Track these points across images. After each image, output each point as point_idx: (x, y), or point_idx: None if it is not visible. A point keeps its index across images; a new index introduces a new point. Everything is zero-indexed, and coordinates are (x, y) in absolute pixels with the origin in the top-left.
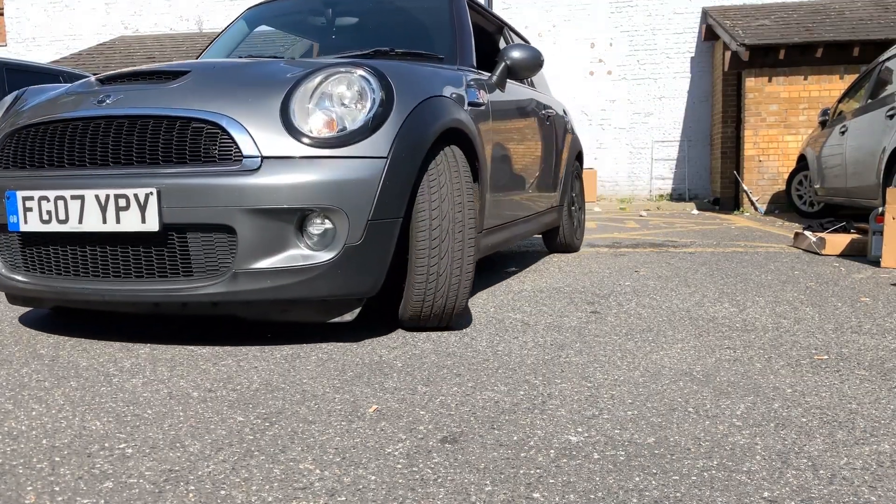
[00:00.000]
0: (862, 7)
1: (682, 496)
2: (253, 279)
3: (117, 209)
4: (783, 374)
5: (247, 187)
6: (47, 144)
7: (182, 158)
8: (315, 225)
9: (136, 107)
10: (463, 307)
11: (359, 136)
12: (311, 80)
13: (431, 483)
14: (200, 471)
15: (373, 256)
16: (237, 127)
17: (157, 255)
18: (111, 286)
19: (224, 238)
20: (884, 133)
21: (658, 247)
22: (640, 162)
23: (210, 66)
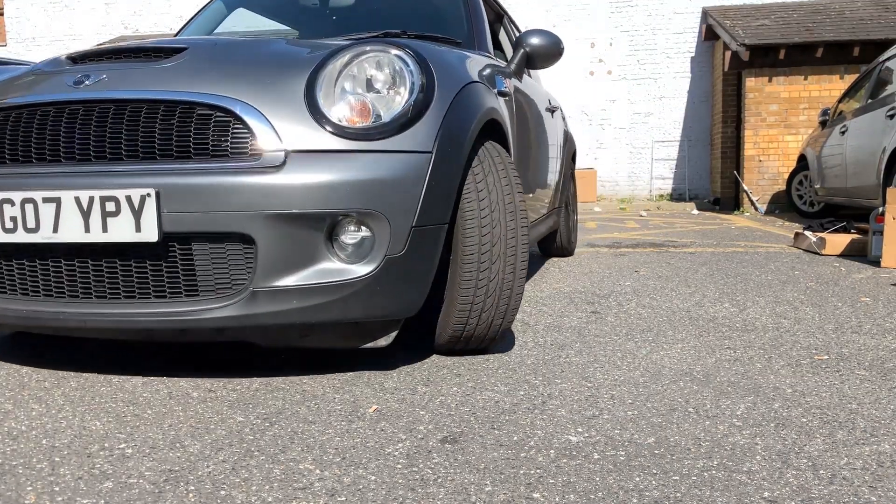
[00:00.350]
0: (862, 7)
1: (683, 496)
2: (275, 299)
3: (104, 214)
4: (783, 374)
5: (270, 188)
6: (8, 135)
7: (185, 152)
8: (349, 233)
9: (123, 89)
10: (508, 328)
11: (398, 127)
12: (338, 60)
13: (431, 483)
14: (200, 471)
15: (417, 269)
16: (254, 114)
17: (154, 271)
18: (94, 309)
19: (239, 250)
20: (884, 133)
21: (658, 247)
22: (640, 162)
23: (211, 43)
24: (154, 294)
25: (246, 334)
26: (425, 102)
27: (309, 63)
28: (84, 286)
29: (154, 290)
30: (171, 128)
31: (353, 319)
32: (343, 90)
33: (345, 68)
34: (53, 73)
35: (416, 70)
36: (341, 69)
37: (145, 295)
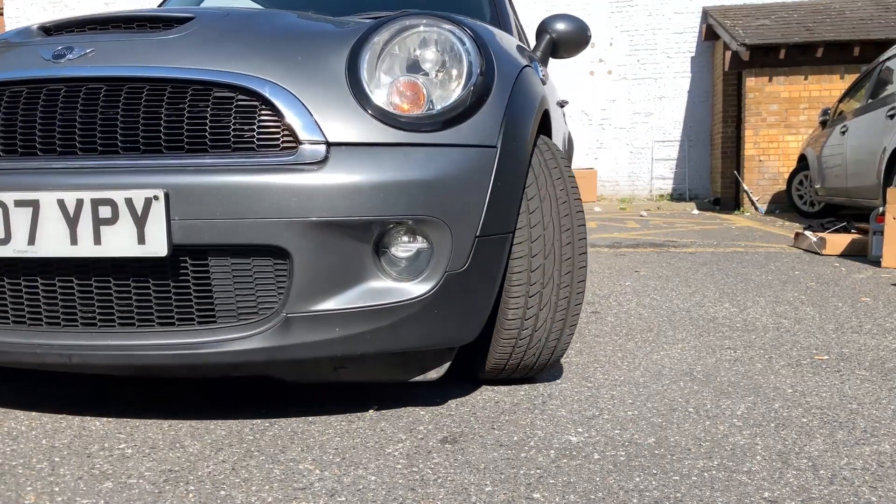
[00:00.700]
0: (862, 7)
1: (683, 496)
2: (314, 327)
3: (97, 222)
4: (784, 375)
5: (311, 189)
6: None
7: (200, 145)
8: (402, 244)
9: (118, 65)
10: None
11: (458, 116)
12: (384, 34)
13: (431, 483)
14: (200, 471)
15: (480, 288)
16: (288, 98)
17: (160, 292)
18: (80, 341)
19: (269, 266)
20: (884, 133)
21: (658, 247)
22: (641, 162)
23: (223, 13)
24: (158, 321)
25: (270, 369)
26: (485, 88)
27: (347, 38)
28: (68, 312)
29: (158, 317)
30: (182, 114)
31: (405, 349)
32: (392, 71)
33: (393, 45)
34: (23, 45)
35: (472, 49)
36: (388, 46)
37: (147, 322)
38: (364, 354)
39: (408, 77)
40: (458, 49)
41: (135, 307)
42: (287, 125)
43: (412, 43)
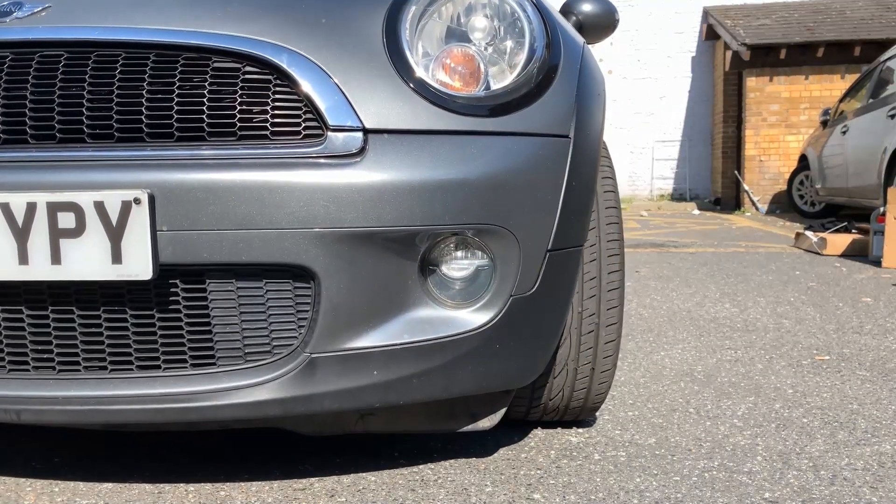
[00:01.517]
0: (863, 7)
1: (683, 497)
2: (347, 370)
3: (55, 233)
4: (784, 375)
5: (345, 190)
6: None
7: (196, 131)
8: (456, 261)
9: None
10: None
11: (525, 98)
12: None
13: (431, 483)
14: (200, 471)
15: (549, 315)
16: (312, 70)
17: (141, 326)
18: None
19: (287, 291)
20: (885, 133)
21: (659, 247)
22: (641, 162)
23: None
24: (138, 365)
25: (283, 421)
26: (553, 64)
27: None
28: (15, 353)
29: (138, 359)
30: (171, 90)
31: (458, 395)
32: (440, 41)
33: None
34: None
35: (535, 18)
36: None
37: (123, 366)
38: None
39: (460, 47)
40: (518, 16)
41: (106, 346)
42: (312, 106)
43: (464, 7)
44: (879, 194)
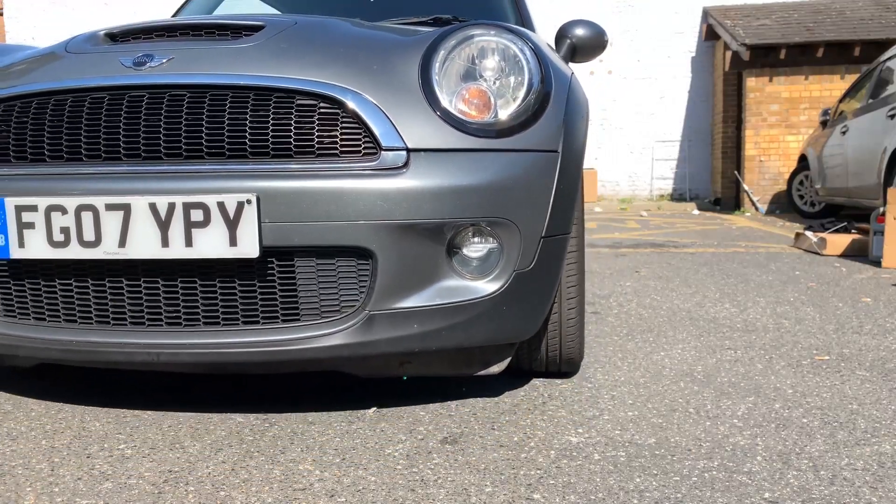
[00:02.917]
0: (863, 7)
1: (683, 497)
2: (395, 324)
3: (188, 225)
4: (784, 375)
5: (394, 193)
6: (48, 127)
7: (285, 150)
8: (473, 245)
9: (199, 73)
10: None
11: (523, 123)
12: (449, 44)
13: (431, 484)
14: (200, 471)
15: (543, 286)
16: (368, 106)
17: (246, 292)
18: (166, 339)
19: (352, 266)
20: (885, 133)
21: (659, 247)
22: (641, 162)
23: (291, 21)
24: (243, 320)
25: (345, 364)
26: (545, 95)
27: (417, 47)
28: (153, 312)
29: (244, 316)
30: (266, 120)
31: (475, 345)
32: (459, 80)
33: (461, 54)
34: (100, 53)
35: (532, 58)
36: (457, 55)
37: (232, 321)
38: (439, 349)
39: (475, 84)
40: (519, 58)
41: (220, 306)
42: (369, 132)
43: (478, 52)
44: (879, 194)
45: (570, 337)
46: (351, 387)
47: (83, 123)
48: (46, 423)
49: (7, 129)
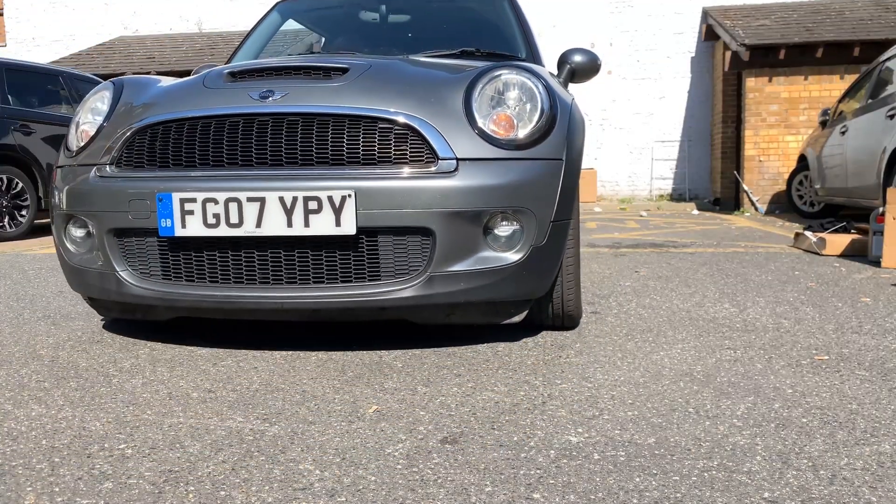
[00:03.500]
0: (862, 7)
1: (683, 497)
2: (447, 282)
3: (306, 212)
4: (783, 375)
5: (448, 189)
6: (199, 142)
7: (372, 159)
8: (502, 227)
9: (307, 104)
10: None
11: (537, 139)
12: (484, 81)
13: (431, 483)
14: (200, 471)
15: (552, 257)
16: (429, 128)
17: (344, 259)
18: (287, 293)
19: (417, 241)
20: (884, 133)
21: (658, 247)
22: (641, 162)
23: (368, 64)
24: (341, 279)
25: (403, 313)
26: (553, 118)
27: (460, 83)
28: (276, 273)
29: (342, 276)
30: (357, 138)
31: (503, 299)
32: (491, 108)
33: (492, 88)
34: (230, 88)
35: (542, 90)
36: (489, 89)
37: (333, 280)
38: (476, 301)
39: (502, 110)
40: (534, 91)
41: (325, 269)
42: (430, 147)
43: (503, 86)
44: (878, 194)
45: (570, 298)
46: (351, 387)
47: (225, 140)
48: (47, 422)
49: (162, 145)
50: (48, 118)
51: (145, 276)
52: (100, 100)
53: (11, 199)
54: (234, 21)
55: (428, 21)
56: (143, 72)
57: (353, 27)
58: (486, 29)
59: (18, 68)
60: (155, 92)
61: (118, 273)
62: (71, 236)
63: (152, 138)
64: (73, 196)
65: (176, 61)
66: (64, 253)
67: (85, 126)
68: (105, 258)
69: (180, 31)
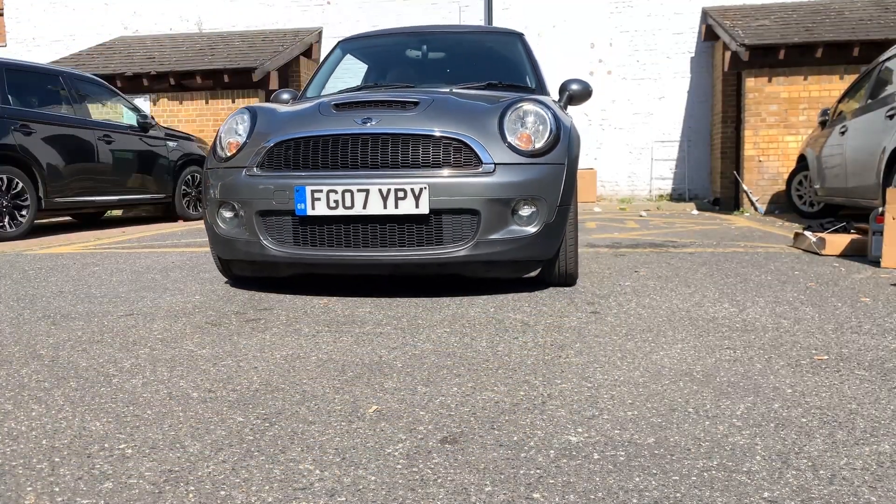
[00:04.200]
0: (862, 7)
1: (683, 496)
2: (488, 246)
3: (396, 199)
4: (783, 375)
5: (488, 184)
6: (321, 152)
7: (438, 164)
8: (524, 209)
9: (395, 127)
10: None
11: (546, 150)
12: (511, 111)
13: (431, 483)
14: (200, 471)
15: (557, 231)
16: (475, 143)
17: (418, 229)
18: (378, 253)
19: (468, 218)
20: (884, 133)
21: (658, 247)
22: (640, 162)
23: (431, 98)
24: (417, 243)
25: (457, 269)
26: (557, 136)
27: (495, 111)
28: (373, 240)
29: (417, 242)
30: (429, 149)
31: (524, 259)
32: (516, 129)
33: (515, 115)
34: (339, 116)
35: (551, 117)
36: (514, 116)
37: (412, 244)
38: (505, 262)
39: (524, 130)
40: (545, 117)
41: (406, 237)
42: (476, 156)
43: (524, 113)
44: (878, 194)
45: (570, 261)
46: (351, 386)
47: (340, 151)
48: (47, 422)
49: (294, 154)
50: (48, 118)
51: (280, 243)
52: (240, 122)
53: (11, 199)
54: (233, 21)
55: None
56: (143, 72)
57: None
58: (504, 65)
59: (18, 68)
60: (282, 117)
61: (262, 241)
62: (222, 217)
63: (288, 149)
64: (225, 189)
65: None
66: (215, 228)
67: (230, 140)
68: (251, 231)
69: (180, 31)
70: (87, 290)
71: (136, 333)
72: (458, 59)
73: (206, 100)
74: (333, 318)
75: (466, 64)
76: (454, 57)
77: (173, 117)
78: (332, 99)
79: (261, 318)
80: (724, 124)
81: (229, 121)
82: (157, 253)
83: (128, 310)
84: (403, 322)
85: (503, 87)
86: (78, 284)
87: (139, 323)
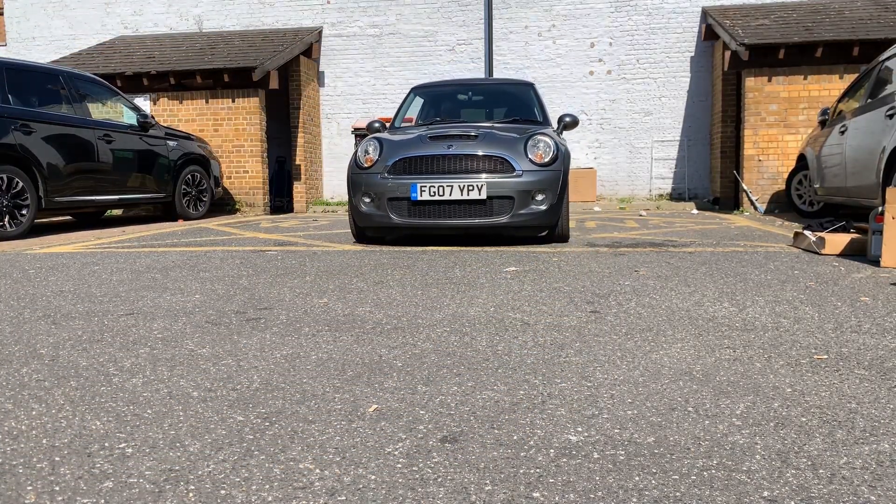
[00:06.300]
0: (862, 7)
1: (682, 496)
2: (519, 217)
3: (468, 190)
4: (783, 374)
5: (519, 182)
6: (425, 165)
7: (492, 171)
8: (539, 196)
9: (466, 150)
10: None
11: (550, 162)
12: (531, 138)
13: (431, 483)
14: (200, 470)
15: (558, 209)
16: (512, 159)
17: (480, 207)
18: (457, 221)
19: (508, 201)
20: (883, 132)
21: (658, 246)
22: (640, 161)
23: (484, 133)
24: (478, 216)
25: (500, 230)
26: (557, 154)
27: (521, 140)
28: (455, 213)
29: (479, 214)
30: (485, 162)
31: (539, 225)
32: (534, 150)
33: (532, 142)
34: (433, 142)
35: (554, 144)
36: (533, 141)
37: (476, 216)
38: (528, 226)
39: (538, 150)
40: (550, 144)
41: (473, 212)
42: (512, 166)
43: (538, 140)
44: (878, 194)
45: (564, 227)
46: (351, 386)
47: (435, 164)
48: (47, 422)
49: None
50: (48, 118)
51: (402, 216)
52: (371, 145)
53: (12, 199)
54: (233, 21)
55: (493, 101)
56: (143, 71)
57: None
58: (520, 105)
59: (18, 68)
60: (398, 144)
61: (390, 215)
62: (364, 202)
63: (405, 163)
64: (368, 185)
65: (176, 61)
66: (360, 208)
67: (367, 156)
68: (384, 210)
69: (180, 31)
70: (87, 290)
71: (136, 333)
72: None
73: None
74: (333, 318)
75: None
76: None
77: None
78: (427, 132)
79: (261, 317)
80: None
81: (364, 145)
82: (157, 252)
83: (128, 309)
84: (403, 322)
85: (522, 121)
86: (78, 284)
87: (139, 322)
